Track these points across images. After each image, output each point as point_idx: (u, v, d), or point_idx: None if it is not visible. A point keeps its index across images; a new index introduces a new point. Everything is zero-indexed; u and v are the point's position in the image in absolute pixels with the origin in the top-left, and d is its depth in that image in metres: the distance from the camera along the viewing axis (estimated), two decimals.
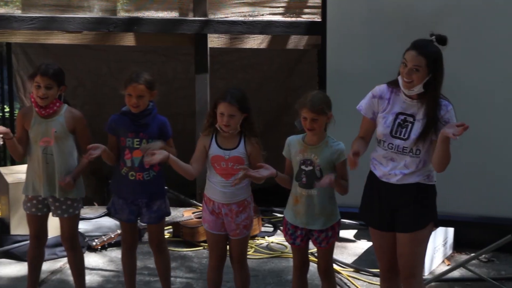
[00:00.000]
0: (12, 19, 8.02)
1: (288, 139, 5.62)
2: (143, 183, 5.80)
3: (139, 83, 5.68)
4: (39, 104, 5.73)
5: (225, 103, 5.49)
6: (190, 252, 7.33)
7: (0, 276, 6.77)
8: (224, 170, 5.59)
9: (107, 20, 8.09)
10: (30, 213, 5.94)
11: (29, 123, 5.80)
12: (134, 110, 5.73)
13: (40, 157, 5.79)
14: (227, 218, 5.64)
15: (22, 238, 7.11)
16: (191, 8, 8.09)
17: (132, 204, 5.87)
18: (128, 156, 5.77)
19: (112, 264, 7.06)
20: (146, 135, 5.75)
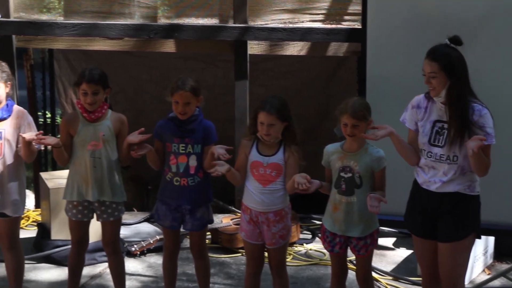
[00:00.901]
0: (55, 26, 8.10)
1: (326, 148, 5.62)
2: (187, 189, 5.83)
3: (185, 90, 5.73)
4: (88, 109, 5.80)
5: (264, 112, 5.50)
6: (228, 258, 7.33)
7: (40, 281, 6.83)
8: (262, 177, 5.60)
9: (148, 26, 8.14)
10: (76, 220, 5.98)
11: (75, 128, 5.86)
12: (181, 117, 5.78)
13: (88, 161, 5.84)
14: (263, 227, 5.64)
15: (62, 243, 7.16)
16: (231, 15, 8.11)
17: (175, 211, 5.90)
18: (173, 162, 5.82)
19: (151, 270, 7.08)
20: (191, 140, 5.80)
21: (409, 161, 5.36)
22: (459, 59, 5.07)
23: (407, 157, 5.34)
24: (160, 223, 6.04)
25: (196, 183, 5.85)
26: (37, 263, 7.10)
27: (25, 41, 8.48)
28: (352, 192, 5.45)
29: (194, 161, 5.82)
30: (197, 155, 5.81)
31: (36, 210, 8.22)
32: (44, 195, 7.45)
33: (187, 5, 8.21)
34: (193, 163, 5.83)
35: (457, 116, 5.05)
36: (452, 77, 5.03)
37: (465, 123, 5.04)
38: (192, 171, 5.81)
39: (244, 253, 7.22)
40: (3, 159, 5.81)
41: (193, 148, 5.81)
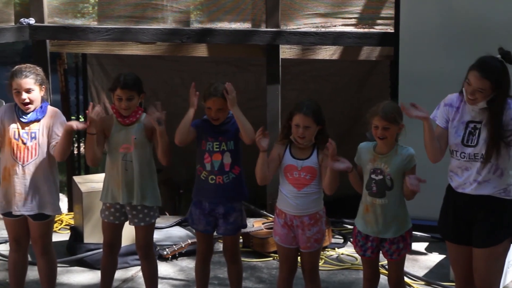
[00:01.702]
0: (88, 31, 8.16)
1: (360, 145, 5.62)
2: (223, 186, 5.85)
3: (218, 97, 5.76)
4: (123, 114, 5.84)
5: (300, 114, 5.51)
6: (260, 262, 7.33)
7: (73, 284, 6.86)
8: (296, 180, 5.60)
9: (180, 31, 8.17)
10: (108, 221, 6.02)
11: (109, 130, 5.91)
12: (214, 123, 5.82)
13: (120, 164, 5.88)
14: (298, 231, 5.63)
15: (95, 247, 7.19)
16: (263, 19, 8.11)
17: (209, 215, 5.92)
18: (208, 160, 5.85)
19: (183, 274, 7.10)
20: (224, 138, 5.83)
21: (432, 156, 5.30)
22: (506, 74, 5.06)
23: (432, 150, 5.27)
24: (194, 227, 6.06)
25: (231, 180, 5.87)
26: (70, 267, 7.13)
27: (59, 46, 8.56)
28: (383, 194, 5.44)
29: (229, 158, 5.85)
30: (231, 152, 5.84)
31: (69, 214, 8.26)
32: (77, 198, 7.49)
33: (220, 10, 8.23)
34: (227, 160, 5.85)
35: (495, 122, 5.04)
36: (497, 90, 5.01)
37: (499, 124, 5.04)
38: (227, 168, 5.85)
39: (276, 257, 7.23)
40: (37, 159, 5.86)
41: (227, 145, 5.84)
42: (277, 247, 5.81)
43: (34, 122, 5.85)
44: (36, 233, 5.97)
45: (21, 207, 5.86)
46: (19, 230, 5.99)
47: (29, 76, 5.78)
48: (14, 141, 5.84)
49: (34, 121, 5.84)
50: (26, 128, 5.83)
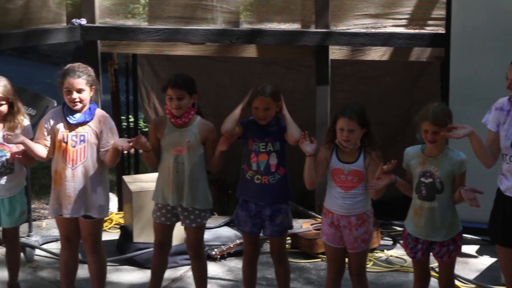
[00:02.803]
0: (139, 31, 8.21)
1: (406, 150, 5.58)
2: (268, 187, 5.86)
3: (265, 96, 5.78)
4: (175, 114, 5.87)
5: (344, 118, 5.50)
6: (308, 263, 7.31)
7: (122, 283, 6.91)
8: (344, 183, 5.59)
9: (230, 32, 8.18)
10: (159, 222, 6.05)
11: (162, 132, 5.94)
12: (261, 122, 5.83)
13: (171, 166, 5.91)
14: (345, 231, 5.62)
15: (144, 246, 7.24)
16: (313, 20, 8.09)
17: (255, 217, 5.93)
18: (254, 160, 5.87)
19: (231, 274, 7.11)
20: (271, 138, 5.85)
21: (484, 162, 5.29)
22: None
23: (483, 158, 5.26)
24: (240, 229, 6.07)
25: (276, 181, 5.88)
26: (120, 265, 7.19)
27: (109, 46, 8.62)
28: (433, 197, 5.40)
29: (275, 159, 5.86)
30: (277, 153, 5.86)
31: (119, 213, 8.33)
32: (127, 198, 7.55)
33: (269, 10, 8.23)
34: (273, 160, 5.87)
35: None
36: None
37: None
38: (273, 169, 5.87)
39: (324, 259, 7.21)
40: (86, 162, 5.91)
41: (273, 146, 5.86)
42: (325, 246, 5.81)
43: (82, 125, 5.90)
44: (86, 231, 6.03)
45: (70, 210, 5.92)
46: (70, 228, 6.05)
47: (82, 77, 5.84)
48: (63, 145, 5.90)
49: (82, 123, 5.90)
50: (75, 131, 5.89)
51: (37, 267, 7.19)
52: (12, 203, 6.22)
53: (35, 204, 9.46)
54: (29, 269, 7.14)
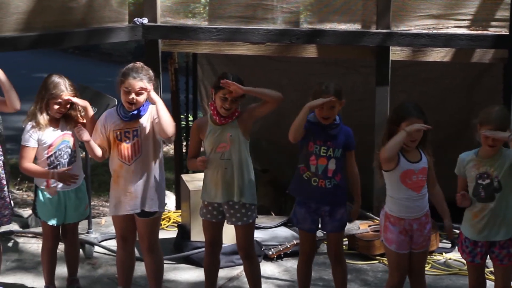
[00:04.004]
0: (199, 30, 8.24)
1: (460, 157, 5.56)
2: (325, 191, 5.87)
3: (330, 95, 5.77)
4: (223, 114, 5.87)
5: (413, 118, 5.50)
6: (365, 265, 7.27)
7: (179, 281, 6.95)
8: (415, 184, 5.57)
9: (290, 32, 8.17)
10: (206, 219, 6.08)
11: (204, 132, 5.96)
12: (324, 122, 5.83)
13: (219, 164, 5.94)
14: (417, 233, 5.60)
15: (201, 245, 7.25)
16: (374, 20, 8.04)
17: (314, 213, 5.93)
18: (313, 162, 5.87)
19: (287, 274, 7.10)
20: (333, 144, 5.85)
21: None
22: None
23: None
24: (299, 226, 6.07)
25: (332, 186, 5.88)
26: (177, 264, 7.23)
27: (170, 45, 8.67)
28: (493, 198, 5.38)
29: (333, 165, 5.86)
30: (337, 159, 5.86)
31: (177, 212, 8.38)
32: (185, 196, 7.58)
33: (330, 11, 8.19)
34: (332, 166, 5.88)
35: None
36: None
37: None
38: (330, 174, 5.87)
39: (382, 261, 7.18)
40: (141, 157, 5.96)
41: (334, 152, 5.86)
42: (392, 254, 5.72)
43: (135, 120, 5.95)
44: (142, 230, 6.07)
45: (130, 206, 5.98)
46: (127, 227, 6.10)
47: (144, 79, 5.89)
48: (118, 142, 5.97)
49: (136, 118, 5.94)
50: (128, 127, 5.94)
51: (95, 263, 7.27)
52: (78, 195, 6.35)
53: (94, 201, 9.58)
54: (88, 265, 7.22)
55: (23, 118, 6.23)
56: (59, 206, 6.26)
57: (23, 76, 15.83)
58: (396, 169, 5.57)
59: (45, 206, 6.27)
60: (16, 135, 6.37)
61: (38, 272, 6.92)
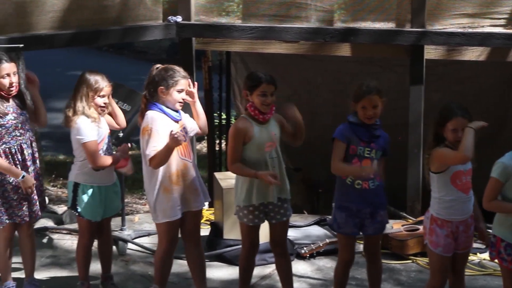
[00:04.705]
0: (233, 29, 8.25)
1: (503, 162, 5.45)
2: (368, 192, 5.85)
3: (373, 94, 5.76)
4: (264, 111, 5.88)
5: (459, 118, 5.47)
6: (398, 265, 7.24)
7: (212, 279, 6.96)
8: (464, 185, 5.57)
9: (324, 30, 8.15)
10: (253, 225, 6.06)
11: (251, 134, 5.94)
12: (368, 122, 5.81)
13: (268, 163, 5.94)
14: (463, 234, 5.58)
15: (234, 243, 7.27)
16: (408, 19, 8.00)
17: (355, 216, 5.90)
18: (356, 164, 5.83)
19: (320, 273, 7.09)
20: (376, 145, 5.84)
21: None
22: None
23: None
24: (340, 231, 6.01)
25: (375, 187, 5.87)
26: (210, 261, 7.24)
27: (204, 44, 8.69)
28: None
29: (375, 166, 5.82)
30: (378, 161, 5.83)
31: (210, 209, 8.39)
32: (218, 195, 7.59)
33: (364, 9, 8.16)
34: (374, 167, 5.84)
35: None
36: None
37: None
38: (372, 175, 5.82)
39: (415, 260, 7.15)
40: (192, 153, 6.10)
41: (376, 153, 5.85)
42: (436, 257, 5.68)
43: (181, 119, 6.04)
44: (195, 224, 6.18)
45: (198, 201, 6.09)
46: (176, 231, 6.13)
47: (188, 77, 6.02)
48: None
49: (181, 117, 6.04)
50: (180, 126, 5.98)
51: (129, 260, 7.30)
52: (115, 189, 6.46)
53: (128, 199, 9.62)
54: (121, 262, 7.26)
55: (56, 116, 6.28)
56: (101, 201, 6.31)
57: (58, 73, 16.00)
58: (447, 171, 5.53)
59: (88, 204, 6.30)
60: (50, 132, 6.43)
61: (72, 268, 6.97)
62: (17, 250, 6.56)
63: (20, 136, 6.22)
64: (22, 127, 6.23)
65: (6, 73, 6.11)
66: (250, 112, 5.94)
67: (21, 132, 6.22)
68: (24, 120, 6.25)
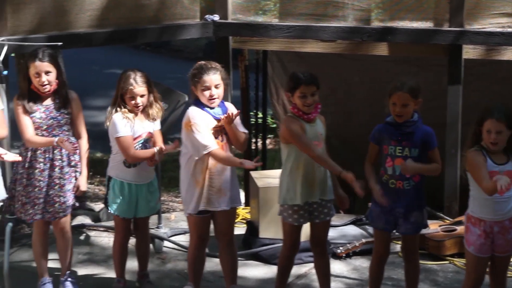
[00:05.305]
0: (270, 28, 8.25)
1: None
2: (402, 192, 5.82)
3: (403, 92, 5.73)
4: (306, 112, 5.88)
5: (492, 119, 5.39)
6: (435, 265, 7.20)
7: (248, 278, 6.97)
8: None
9: (361, 29, 8.13)
10: (297, 224, 6.07)
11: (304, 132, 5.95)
12: (398, 119, 5.78)
13: (313, 163, 5.93)
14: (498, 236, 5.52)
15: (270, 242, 7.28)
16: (447, 18, 7.95)
17: (389, 213, 5.89)
18: (389, 164, 5.83)
19: (356, 273, 7.07)
20: (408, 143, 5.79)
21: None
22: None
23: None
24: (373, 225, 6.06)
25: (411, 187, 5.84)
26: (246, 260, 7.25)
27: (240, 42, 8.69)
28: None
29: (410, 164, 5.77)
30: (414, 159, 5.79)
31: (246, 208, 8.40)
32: (254, 193, 7.60)
33: (402, 8, 8.12)
34: None
35: None
36: None
37: None
38: (408, 175, 5.78)
39: (452, 261, 7.10)
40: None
41: (410, 151, 5.80)
42: (470, 257, 5.66)
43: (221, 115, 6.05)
44: (227, 224, 6.20)
45: (222, 202, 6.07)
46: (206, 227, 6.16)
47: (220, 73, 6.01)
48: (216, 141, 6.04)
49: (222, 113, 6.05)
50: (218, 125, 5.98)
51: (165, 258, 7.33)
52: (149, 190, 6.44)
53: (164, 197, 9.65)
54: (157, 260, 7.29)
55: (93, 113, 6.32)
56: (131, 199, 6.34)
57: (95, 72, 16.09)
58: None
59: (116, 198, 6.36)
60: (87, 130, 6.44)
61: (109, 266, 7.01)
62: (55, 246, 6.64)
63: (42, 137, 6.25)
64: (47, 129, 6.24)
65: (36, 71, 6.14)
66: (295, 113, 5.96)
67: (43, 134, 6.23)
68: (54, 124, 6.25)
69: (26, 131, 6.19)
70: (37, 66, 6.13)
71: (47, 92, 6.20)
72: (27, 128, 6.19)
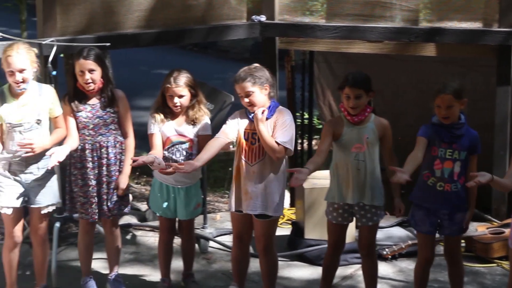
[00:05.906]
0: (316, 28, 8.23)
1: None
2: (449, 194, 5.79)
3: (446, 93, 5.71)
4: (351, 113, 5.87)
5: None
6: (482, 268, 7.13)
7: (293, 278, 6.97)
8: None
9: (408, 30, 8.08)
10: (336, 223, 6.06)
11: (340, 132, 5.95)
12: (444, 121, 5.75)
13: (351, 164, 5.92)
14: None
15: (315, 243, 7.26)
16: (496, 18, 7.87)
17: (433, 215, 5.86)
18: (438, 166, 5.80)
19: (402, 275, 7.03)
20: (458, 146, 5.76)
21: None
22: None
23: None
24: (417, 229, 6.02)
25: (458, 189, 5.79)
26: (291, 261, 7.24)
27: (287, 43, 8.69)
28: None
29: (458, 168, 5.79)
30: (461, 162, 5.76)
31: (291, 209, 8.39)
32: (299, 194, 7.59)
33: (450, 9, 8.06)
34: (457, 169, 5.81)
35: None
36: None
37: None
38: (456, 177, 5.78)
39: (500, 264, 7.03)
40: (264, 160, 5.99)
41: (459, 154, 5.77)
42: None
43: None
44: (259, 231, 6.12)
45: (248, 206, 6.02)
46: (244, 226, 6.15)
47: (248, 80, 5.93)
48: (244, 141, 6.03)
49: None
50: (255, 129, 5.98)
51: (210, 258, 7.36)
52: (188, 195, 6.40)
53: (210, 197, 9.68)
54: (203, 260, 7.32)
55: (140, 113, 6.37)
56: (168, 199, 6.37)
57: (143, 72, 16.18)
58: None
59: (155, 197, 6.43)
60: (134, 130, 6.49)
61: (155, 265, 7.06)
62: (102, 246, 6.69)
63: (89, 136, 6.30)
64: (93, 128, 6.28)
65: (80, 69, 6.19)
66: (342, 111, 5.97)
67: (91, 133, 6.28)
68: (100, 123, 6.30)
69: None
70: (81, 64, 6.18)
71: (92, 90, 6.24)
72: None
